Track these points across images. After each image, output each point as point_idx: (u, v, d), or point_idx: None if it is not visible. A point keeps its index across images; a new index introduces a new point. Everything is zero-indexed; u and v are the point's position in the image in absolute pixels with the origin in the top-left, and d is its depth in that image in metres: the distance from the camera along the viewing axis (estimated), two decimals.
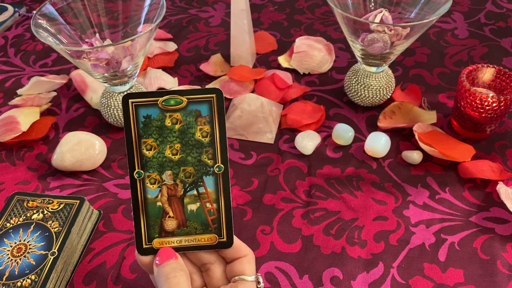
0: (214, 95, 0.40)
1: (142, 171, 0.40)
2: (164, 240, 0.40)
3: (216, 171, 0.41)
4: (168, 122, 0.40)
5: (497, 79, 0.66)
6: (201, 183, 0.41)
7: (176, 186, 0.40)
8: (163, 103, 0.40)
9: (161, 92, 0.40)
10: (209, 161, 0.40)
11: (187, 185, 0.40)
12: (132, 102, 0.40)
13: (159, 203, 0.40)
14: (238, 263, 0.41)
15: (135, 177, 0.40)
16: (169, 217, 0.40)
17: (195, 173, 0.40)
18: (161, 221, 0.40)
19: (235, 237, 0.41)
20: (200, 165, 0.40)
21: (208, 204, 0.41)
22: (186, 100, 0.40)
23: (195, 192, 0.41)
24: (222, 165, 0.41)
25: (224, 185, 0.41)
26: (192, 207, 0.41)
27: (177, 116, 0.40)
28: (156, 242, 0.40)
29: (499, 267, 0.52)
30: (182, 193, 0.41)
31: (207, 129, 0.40)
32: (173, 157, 0.40)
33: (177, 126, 0.40)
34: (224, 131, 0.40)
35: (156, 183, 0.40)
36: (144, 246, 0.40)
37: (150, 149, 0.40)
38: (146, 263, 0.40)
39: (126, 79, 0.65)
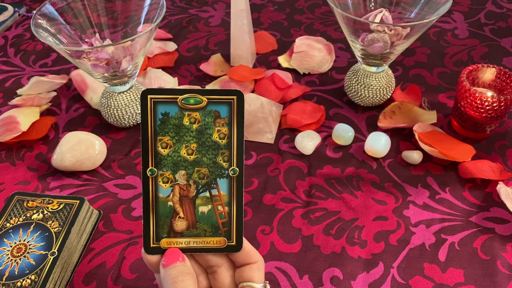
0: (235, 97, 0.39)
1: (155, 169, 0.39)
2: (172, 240, 0.40)
3: (230, 174, 0.40)
4: (186, 121, 0.39)
5: (497, 79, 0.66)
6: (215, 185, 0.40)
7: (188, 187, 0.40)
8: (182, 101, 0.39)
9: (182, 90, 0.39)
10: (224, 164, 0.40)
11: (200, 186, 0.40)
12: (151, 98, 0.39)
13: (170, 203, 0.40)
14: (248, 269, 0.40)
15: (148, 174, 0.39)
16: (179, 217, 0.40)
17: (209, 175, 0.40)
18: (171, 221, 0.40)
19: (247, 243, 0.41)
20: (215, 167, 0.40)
21: (219, 207, 0.40)
22: (206, 100, 0.39)
23: (207, 194, 0.40)
24: (237, 169, 0.40)
25: (237, 188, 0.40)
26: (204, 209, 0.40)
27: (196, 115, 0.39)
28: (164, 242, 0.40)
29: (499, 267, 0.52)
30: (194, 194, 0.40)
31: (225, 131, 0.40)
32: (188, 157, 0.40)
33: (194, 126, 0.40)
34: (242, 134, 0.40)
35: (169, 182, 0.40)
36: (152, 245, 0.40)
37: (166, 147, 0.39)
38: (153, 262, 0.40)
39: (126, 79, 0.65)
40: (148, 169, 0.39)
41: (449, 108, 0.72)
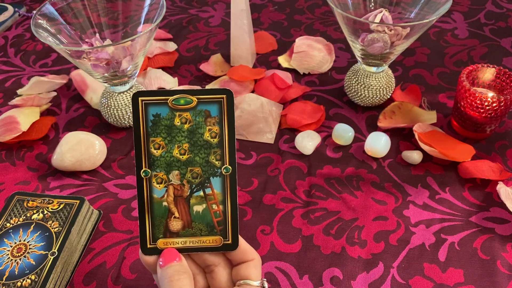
0: (224, 96, 0.40)
1: (149, 170, 0.40)
2: (169, 240, 0.40)
3: (223, 173, 0.40)
4: (177, 122, 0.40)
5: (497, 79, 0.66)
6: (208, 184, 0.40)
7: (182, 187, 0.40)
8: (173, 102, 0.40)
9: (171, 91, 0.40)
10: (217, 162, 0.40)
11: (193, 185, 0.40)
12: (142, 100, 0.39)
13: (164, 203, 0.40)
14: (245, 266, 0.41)
15: (142, 176, 0.40)
16: (175, 217, 0.40)
17: (202, 174, 0.40)
18: (166, 222, 0.40)
19: (243, 241, 0.41)
20: (208, 166, 0.40)
21: (214, 206, 0.40)
22: (196, 100, 0.40)
23: (201, 193, 0.40)
24: (230, 167, 0.40)
25: (231, 187, 0.40)
26: (198, 208, 0.40)
27: (187, 115, 0.40)
28: (160, 243, 0.40)
29: (499, 267, 0.52)
30: (188, 193, 0.40)
31: (216, 129, 0.40)
32: (180, 157, 0.40)
33: (186, 126, 0.40)
34: (233, 132, 0.40)
35: (163, 183, 0.40)
36: (148, 246, 0.40)
37: (158, 148, 0.40)
38: (150, 263, 0.40)
39: (126, 79, 0.65)
40: (142, 170, 0.40)
41: (449, 108, 0.72)
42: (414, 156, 0.63)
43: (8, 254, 0.50)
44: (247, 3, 0.75)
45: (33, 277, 0.48)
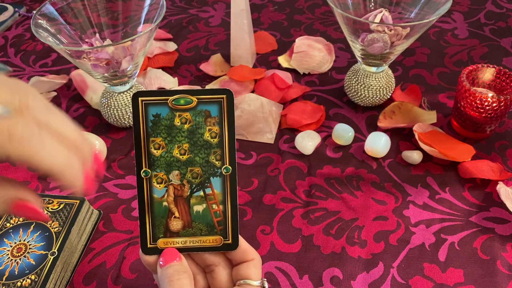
0: (224, 96, 0.40)
1: (149, 170, 0.40)
2: (169, 240, 0.40)
3: (223, 173, 0.40)
4: (177, 122, 0.40)
5: (497, 79, 0.66)
6: (208, 184, 0.40)
7: (183, 187, 0.40)
8: (173, 102, 0.40)
9: (171, 91, 0.40)
10: (217, 162, 0.40)
11: (194, 185, 0.40)
12: (142, 100, 0.39)
13: (165, 203, 0.40)
14: (245, 266, 0.41)
15: (142, 176, 0.40)
16: (175, 217, 0.40)
17: (202, 174, 0.40)
18: (167, 221, 0.40)
19: (243, 240, 0.41)
20: (208, 166, 0.40)
21: (214, 206, 0.41)
22: (196, 100, 0.40)
23: (201, 193, 0.40)
24: (230, 167, 0.40)
25: (231, 187, 0.40)
26: (198, 208, 0.40)
27: (187, 115, 0.40)
28: (160, 242, 0.40)
29: (499, 267, 0.52)
30: (188, 193, 0.40)
31: (216, 130, 0.40)
32: (181, 157, 0.40)
33: (186, 126, 0.40)
34: (233, 132, 0.40)
35: (163, 183, 0.40)
36: (149, 245, 0.40)
37: (158, 148, 0.40)
38: (150, 262, 0.40)
39: (126, 79, 0.65)
40: (142, 171, 0.40)
41: (449, 108, 0.72)
42: (414, 156, 0.63)
43: (8, 254, 0.50)
44: (247, 3, 0.75)
45: (33, 277, 0.48)
